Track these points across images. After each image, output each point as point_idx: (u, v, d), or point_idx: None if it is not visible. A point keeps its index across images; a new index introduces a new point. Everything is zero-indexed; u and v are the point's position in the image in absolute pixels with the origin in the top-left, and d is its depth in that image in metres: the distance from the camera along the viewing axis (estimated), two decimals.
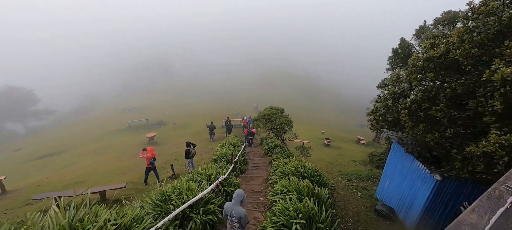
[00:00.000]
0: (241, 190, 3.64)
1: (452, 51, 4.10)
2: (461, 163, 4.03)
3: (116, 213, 3.73)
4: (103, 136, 22.03)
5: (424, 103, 4.50)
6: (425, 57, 4.50)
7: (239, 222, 3.47)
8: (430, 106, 4.43)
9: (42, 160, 16.58)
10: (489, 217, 1.11)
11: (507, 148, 3.16)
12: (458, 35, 4.17)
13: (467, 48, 3.92)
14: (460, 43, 4.07)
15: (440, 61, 4.29)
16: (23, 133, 26.40)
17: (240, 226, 3.50)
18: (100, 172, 12.17)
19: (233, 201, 3.54)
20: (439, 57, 4.27)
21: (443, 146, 4.40)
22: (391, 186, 7.12)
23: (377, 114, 5.83)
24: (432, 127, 4.46)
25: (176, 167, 9.86)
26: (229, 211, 3.51)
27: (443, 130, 4.18)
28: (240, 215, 3.44)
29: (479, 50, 3.90)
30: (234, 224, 3.51)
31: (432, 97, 4.41)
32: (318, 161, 12.54)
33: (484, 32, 3.94)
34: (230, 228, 3.55)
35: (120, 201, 5.62)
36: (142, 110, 30.10)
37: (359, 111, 35.41)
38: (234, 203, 3.53)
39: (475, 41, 3.94)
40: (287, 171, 7.17)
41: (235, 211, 3.47)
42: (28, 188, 10.33)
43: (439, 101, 4.28)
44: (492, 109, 3.49)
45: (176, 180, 5.62)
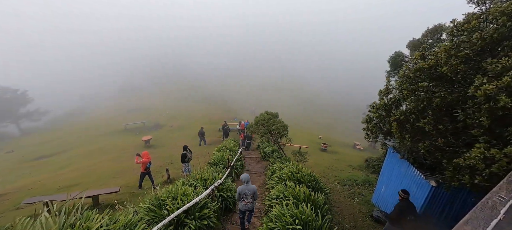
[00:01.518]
0: (247, 174, 4.92)
1: (440, 65, 4.19)
2: (451, 173, 4.07)
3: (108, 219, 3.65)
4: (99, 138, 21.76)
5: (411, 115, 4.58)
6: (415, 68, 4.58)
7: (253, 196, 4.79)
8: (417, 118, 4.50)
9: (35, 162, 16.26)
10: (483, 229, 1.11)
11: (488, 161, 3.25)
12: (445, 50, 4.28)
13: (454, 64, 4.02)
14: (448, 58, 4.17)
15: (431, 72, 4.37)
16: (16, 134, 25.92)
17: (253, 199, 4.83)
18: (94, 174, 11.97)
19: (245, 184, 4.81)
20: (429, 68, 4.36)
21: (434, 155, 4.45)
22: (387, 191, 7.13)
23: (371, 124, 5.89)
24: (422, 137, 4.52)
25: (171, 171, 9.75)
26: (245, 191, 4.75)
27: (434, 139, 4.22)
28: (254, 190, 4.80)
29: (465, 66, 4.00)
30: (248, 200, 4.77)
31: (422, 108, 4.48)
32: (315, 166, 12.54)
33: (469, 47, 4.03)
34: (245, 205, 4.80)
35: (114, 206, 5.51)
36: (139, 112, 29.87)
37: (356, 116, 35.67)
38: (246, 184, 4.80)
39: (461, 57, 4.04)
40: (284, 176, 7.14)
41: (249, 188, 4.77)
42: (19, 191, 10.09)
43: (427, 113, 4.35)
44: (479, 123, 3.54)
45: (171, 185, 5.55)
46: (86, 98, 36.22)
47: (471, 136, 3.85)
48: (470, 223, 1.18)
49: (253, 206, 4.95)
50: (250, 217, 5.29)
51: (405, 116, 4.65)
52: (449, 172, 4.11)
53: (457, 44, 4.20)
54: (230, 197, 6.16)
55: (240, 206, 4.84)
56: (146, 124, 24.89)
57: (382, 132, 5.74)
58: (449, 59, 4.09)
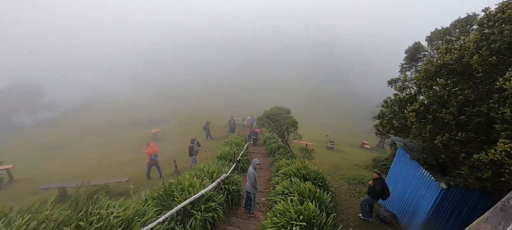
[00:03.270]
0: (256, 159, 5.78)
1: (466, 57, 4.00)
2: (469, 169, 3.94)
3: (119, 206, 3.78)
4: (108, 130, 22.35)
5: (432, 105, 4.43)
6: (438, 63, 4.40)
7: (248, 178, 5.51)
8: (439, 109, 4.35)
9: (48, 152, 16.93)
10: (503, 228, 1.08)
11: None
12: (475, 41, 4.07)
13: (484, 55, 3.82)
14: (477, 50, 3.97)
15: (454, 67, 4.20)
16: (31, 125, 26.99)
17: (250, 183, 5.48)
18: (104, 165, 12.36)
19: (252, 165, 5.64)
20: (453, 63, 4.19)
21: (452, 149, 4.31)
22: (395, 192, 7.02)
23: (384, 119, 5.77)
24: (441, 129, 4.37)
25: (179, 164, 9.93)
26: (248, 172, 5.62)
27: (454, 133, 4.09)
28: (248, 173, 5.53)
29: (496, 58, 3.79)
30: (247, 179, 5.56)
31: (443, 101, 4.33)
32: (321, 163, 12.45)
33: (500, 39, 3.83)
34: (246, 184, 5.62)
35: (123, 195, 5.69)
36: (147, 106, 30.42)
37: (365, 117, 35.01)
38: (251, 167, 5.63)
39: (492, 48, 3.84)
40: (289, 172, 7.15)
41: (249, 171, 5.57)
42: (35, 178, 10.56)
43: (450, 104, 4.20)
44: (502, 117, 3.41)
45: (179, 176, 5.67)
46: (95, 91, 37.14)
47: (494, 131, 3.71)
48: (489, 221, 1.15)
49: (249, 190, 5.56)
50: (249, 206, 5.80)
51: (425, 106, 4.52)
52: (467, 169, 4.00)
53: (487, 36, 4.01)
54: (236, 191, 6.23)
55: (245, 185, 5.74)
56: (153, 118, 25.35)
57: (393, 129, 5.62)
58: (478, 50, 3.91)
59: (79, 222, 2.99)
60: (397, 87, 5.54)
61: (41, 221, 2.82)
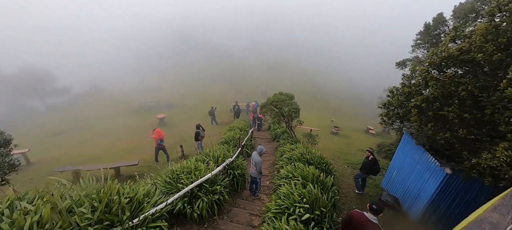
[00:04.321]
0: (262, 146, 5.78)
1: (473, 51, 3.77)
2: (471, 165, 3.89)
3: (129, 188, 3.96)
4: (116, 115, 22.84)
5: (435, 102, 4.28)
6: (443, 55, 4.18)
7: (255, 165, 5.56)
8: (441, 106, 4.22)
9: (59, 137, 17.56)
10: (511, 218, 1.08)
11: None
12: (481, 33, 3.79)
13: (490, 51, 3.58)
14: (483, 43, 3.71)
15: (460, 58, 3.99)
16: (42, 110, 27.79)
17: (256, 169, 5.58)
18: (114, 149, 12.79)
19: (257, 151, 5.67)
20: (460, 54, 3.96)
21: (454, 147, 4.25)
22: (399, 177, 7.07)
23: (389, 109, 5.67)
24: (443, 126, 4.28)
25: (185, 148, 10.18)
26: (252, 157, 5.74)
27: (456, 129, 3.99)
28: (256, 160, 5.56)
29: (503, 54, 3.52)
30: (253, 165, 5.68)
31: (447, 95, 4.17)
32: (325, 148, 12.54)
33: (511, 30, 3.54)
34: (251, 169, 5.77)
35: (133, 177, 5.93)
36: (152, 91, 30.68)
37: (371, 102, 34.46)
38: (255, 153, 5.67)
39: (499, 43, 3.56)
40: (293, 157, 7.25)
41: (255, 157, 5.63)
42: (50, 161, 11.08)
43: (452, 101, 4.05)
44: (508, 120, 3.28)
45: (185, 161, 5.84)
46: (103, 76, 37.50)
47: (497, 131, 3.59)
48: (498, 210, 1.15)
49: (256, 175, 5.71)
50: (255, 189, 6.01)
51: (427, 102, 4.38)
52: (469, 164, 3.95)
53: (496, 27, 3.71)
54: (241, 175, 6.40)
55: (250, 170, 5.90)
56: (160, 103, 25.64)
57: (399, 117, 5.54)
58: (484, 44, 3.66)
59: (93, 202, 3.16)
60: (405, 77, 5.35)
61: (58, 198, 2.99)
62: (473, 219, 1.13)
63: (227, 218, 4.98)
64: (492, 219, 1.10)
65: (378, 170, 6.82)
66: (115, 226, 3.06)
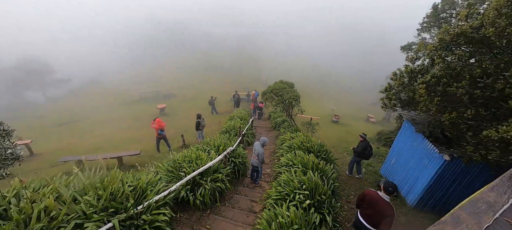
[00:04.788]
0: (266, 138, 5.92)
1: (485, 27, 3.65)
2: (474, 147, 3.89)
3: (132, 176, 4.04)
4: (116, 106, 22.85)
5: (444, 78, 4.21)
6: (456, 32, 4.04)
7: (258, 156, 5.64)
8: (450, 82, 4.14)
9: (61, 127, 17.66)
10: (508, 197, 1.10)
11: None
12: (495, 7, 3.64)
13: (502, 25, 3.44)
14: (496, 18, 3.58)
15: (472, 35, 3.87)
16: (42, 101, 27.79)
17: (258, 159, 5.67)
18: (116, 139, 12.90)
19: (260, 142, 5.75)
20: (472, 31, 3.84)
21: (458, 128, 4.22)
22: (397, 164, 7.16)
23: (391, 92, 5.61)
24: (449, 105, 4.23)
25: (186, 138, 10.25)
26: (254, 147, 5.78)
27: (462, 110, 3.96)
28: (259, 151, 5.62)
29: None
30: (255, 156, 5.73)
31: (456, 74, 4.09)
32: (325, 137, 12.62)
33: None
34: (253, 159, 5.84)
35: (136, 167, 6.03)
36: (152, 81, 30.49)
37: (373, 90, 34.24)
38: (258, 144, 5.76)
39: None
40: (294, 146, 7.31)
41: (257, 148, 5.68)
42: (53, 152, 11.21)
43: (462, 77, 3.98)
44: None
45: (187, 150, 5.90)
46: (102, 68, 37.17)
47: (506, 108, 3.56)
48: (495, 190, 1.17)
49: (257, 164, 5.82)
50: (256, 177, 6.14)
51: (437, 78, 4.30)
52: (471, 147, 3.95)
53: None
54: (241, 163, 6.49)
55: (251, 159, 5.97)
56: (160, 93, 25.57)
57: (400, 102, 5.49)
58: (497, 19, 3.53)
59: (97, 191, 3.23)
60: (409, 58, 5.25)
61: (62, 187, 3.06)
62: (469, 199, 1.15)
63: (229, 204, 5.10)
64: (489, 198, 1.12)
65: (369, 155, 6.92)
66: (119, 213, 3.15)
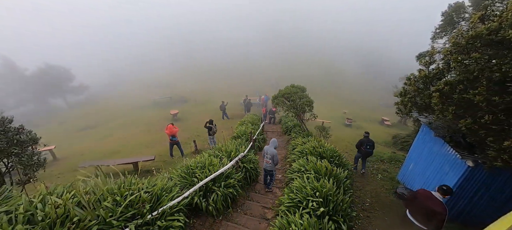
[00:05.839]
0: (276, 139, 5.76)
1: (504, 29, 3.47)
2: (496, 152, 3.66)
3: (148, 182, 4.15)
4: (132, 112, 23.71)
5: (459, 85, 4.01)
6: (470, 34, 3.86)
7: (272, 159, 5.53)
8: (466, 88, 3.94)
9: (81, 132, 18.59)
10: None
11: None
12: None
13: None
14: None
15: (490, 37, 3.68)
16: (64, 107, 29.44)
17: (272, 162, 5.55)
18: (131, 144, 13.36)
19: (270, 145, 5.63)
20: (489, 33, 3.65)
21: (477, 134, 3.99)
22: (416, 169, 6.84)
23: (406, 98, 5.40)
24: (465, 111, 4.02)
25: (198, 143, 10.42)
26: (266, 150, 5.60)
27: (480, 116, 3.75)
28: (273, 154, 5.52)
29: None
30: (268, 160, 5.59)
31: (473, 78, 3.89)
32: (338, 141, 12.34)
33: None
34: (265, 163, 5.68)
35: (150, 172, 6.20)
36: (165, 87, 31.40)
37: (386, 90, 33.17)
38: (269, 146, 5.61)
39: None
40: (305, 151, 7.21)
41: (270, 151, 5.54)
42: (74, 157, 11.80)
43: (480, 83, 3.77)
44: None
45: (199, 155, 5.99)
46: (118, 74, 38.86)
47: None
48: None
49: (272, 168, 5.72)
50: (270, 181, 6.06)
51: (451, 86, 4.13)
52: (493, 152, 3.72)
53: None
54: (253, 169, 6.48)
55: (263, 164, 5.81)
56: (173, 98, 26.25)
57: (417, 107, 5.28)
58: None
59: (115, 196, 3.36)
60: (422, 62, 5.05)
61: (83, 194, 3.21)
62: None
63: (241, 210, 5.10)
64: None
65: (367, 151, 7.46)
66: (136, 218, 3.25)
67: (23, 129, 5.48)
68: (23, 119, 9.87)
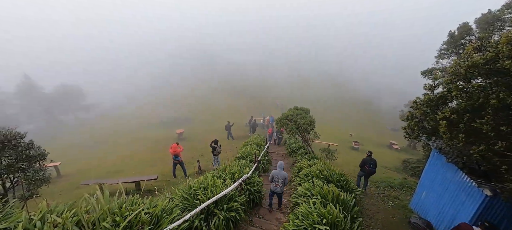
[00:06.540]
0: (282, 162, 5.85)
1: (501, 59, 3.56)
2: None
3: (148, 203, 4.05)
4: (138, 130, 24.02)
5: (466, 114, 3.99)
6: (467, 64, 3.98)
7: (283, 182, 5.60)
8: (473, 117, 3.90)
9: (88, 149, 18.78)
10: None
11: None
12: (507, 41, 3.61)
13: None
14: (511, 51, 3.53)
15: (488, 67, 3.76)
16: (73, 124, 30.21)
17: (283, 184, 5.63)
18: (136, 162, 13.32)
19: (278, 169, 5.68)
20: (486, 63, 3.74)
21: (491, 161, 3.84)
22: (429, 197, 6.46)
23: (412, 121, 5.33)
24: (476, 140, 3.92)
25: (202, 163, 10.30)
26: (277, 175, 5.61)
27: (493, 142, 3.63)
28: (284, 176, 5.61)
29: None
30: (279, 183, 5.60)
31: (478, 106, 3.87)
32: (345, 164, 11.97)
33: None
34: (275, 187, 5.66)
35: (152, 192, 6.08)
36: (172, 106, 32.04)
37: (392, 113, 32.79)
38: (279, 170, 5.65)
39: None
40: (311, 174, 6.99)
41: (281, 174, 5.59)
42: (78, 173, 11.80)
43: (486, 112, 3.75)
44: None
45: (202, 176, 5.88)
46: (126, 93, 40.22)
47: None
48: None
49: (282, 190, 5.76)
50: (280, 201, 6.10)
51: (458, 114, 4.09)
52: (510, 184, 3.52)
53: None
54: (257, 192, 6.27)
55: (271, 186, 5.78)
56: (179, 117, 26.60)
57: (425, 132, 5.16)
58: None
59: (115, 217, 3.27)
60: (427, 87, 5.07)
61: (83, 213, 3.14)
62: None
63: None
64: None
65: (371, 170, 7.87)
66: None
67: (33, 145, 5.59)
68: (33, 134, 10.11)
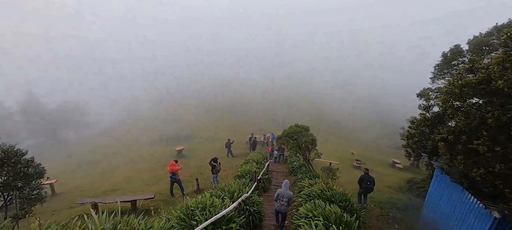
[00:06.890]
0: (288, 181, 5.85)
1: (494, 80, 3.68)
2: None
3: (144, 224, 3.90)
4: (137, 147, 23.82)
5: (463, 135, 4.01)
6: (460, 83, 4.11)
7: (288, 201, 5.51)
8: (470, 139, 3.92)
9: (86, 166, 18.50)
10: None
11: None
12: (497, 62, 3.76)
13: (511, 77, 3.51)
14: (503, 71, 3.65)
15: (481, 87, 3.87)
16: (74, 141, 30.10)
17: (287, 204, 5.52)
18: (132, 181, 13.05)
19: (284, 188, 5.66)
20: (479, 83, 3.86)
21: (492, 184, 3.78)
22: (437, 219, 6.21)
23: (411, 141, 5.32)
24: (476, 161, 3.89)
25: (201, 181, 10.08)
26: (282, 194, 5.56)
27: (492, 164, 3.61)
28: (290, 196, 5.53)
29: None
30: (283, 203, 5.52)
31: (475, 126, 3.91)
32: (347, 184, 11.67)
33: None
34: (280, 206, 5.58)
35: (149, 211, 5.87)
36: (172, 123, 32.07)
37: (395, 131, 32.62)
38: (284, 189, 5.63)
39: None
40: (313, 194, 6.80)
41: (286, 194, 5.54)
42: (73, 192, 11.51)
43: (481, 133, 3.78)
44: None
45: (200, 195, 5.72)
46: (127, 110, 40.56)
47: None
48: None
49: (286, 210, 5.64)
50: (283, 221, 5.88)
51: (455, 135, 4.09)
52: None
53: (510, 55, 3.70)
54: (257, 212, 6.05)
55: (276, 206, 5.68)
56: (179, 134, 26.49)
57: (425, 151, 5.11)
58: (504, 72, 3.60)
59: None
60: (421, 107, 5.14)
61: None
62: None
63: None
64: None
65: (368, 187, 8.11)
66: None
67: (33, 162, 5.52)
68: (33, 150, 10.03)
